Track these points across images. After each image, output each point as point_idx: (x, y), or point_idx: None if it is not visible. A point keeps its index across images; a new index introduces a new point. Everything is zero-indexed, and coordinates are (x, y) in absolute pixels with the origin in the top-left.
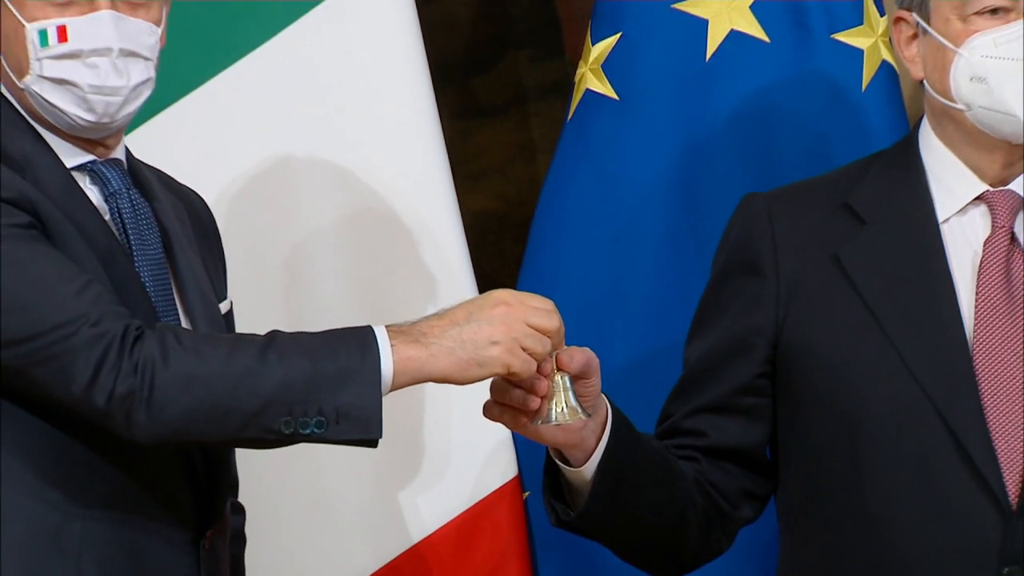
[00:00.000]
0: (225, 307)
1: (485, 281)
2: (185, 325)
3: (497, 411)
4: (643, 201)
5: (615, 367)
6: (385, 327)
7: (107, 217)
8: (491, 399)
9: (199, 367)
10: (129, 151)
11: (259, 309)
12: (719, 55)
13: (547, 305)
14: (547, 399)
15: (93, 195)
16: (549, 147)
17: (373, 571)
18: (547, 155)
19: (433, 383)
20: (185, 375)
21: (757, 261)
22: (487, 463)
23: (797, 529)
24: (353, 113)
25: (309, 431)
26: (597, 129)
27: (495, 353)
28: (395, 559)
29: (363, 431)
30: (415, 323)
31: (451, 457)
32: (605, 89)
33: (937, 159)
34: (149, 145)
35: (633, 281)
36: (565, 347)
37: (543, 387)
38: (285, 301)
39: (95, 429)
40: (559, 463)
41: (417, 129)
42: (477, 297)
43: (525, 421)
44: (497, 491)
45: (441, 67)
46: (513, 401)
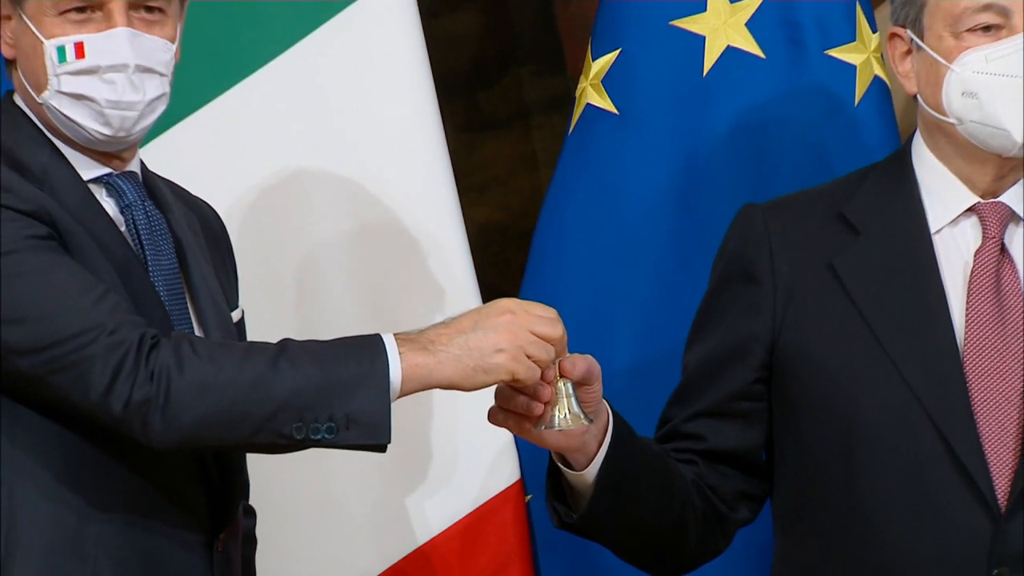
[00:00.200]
0: (237, 316)
1: (489, 290)
2: (198, 333)
3: (502, 417)
4: (642, 212)
5: (616, 373)
6: (393, 335)
7: (123, 228)
8: (496, 405)
9: (213, 374)
10: (144, 164)
11: (270, 318)
12: (716, 70)
13: (551, 314)
14: (550, 405)
15: (109, 207)
16: (551, 160)
17: (379, 572)
18: (549, 167)
19: (440, 389)
20: (200, 382)
21: (754, 269)
22: (491, 467)
23: (791, 531)
24: (361, 126)
25: (320, 436)
26: (597, 142)
27: (500, 360)
28: (401, 560)
29: (373, 436)
30: (422, 331)
31: (456, 461)
32: (605, 103)
33: (930, 171)
34: (163, 158)
35: (633, 289)
36: (568, 354)
37: (546, 393)
38: (295, 310)
39: (112, 434)
40: (562, 467)
41: (423, 142)
42: (483, 306)
43: (529, 426)
44: (500, 494)
45: (446, 82)
46: (517, 407)
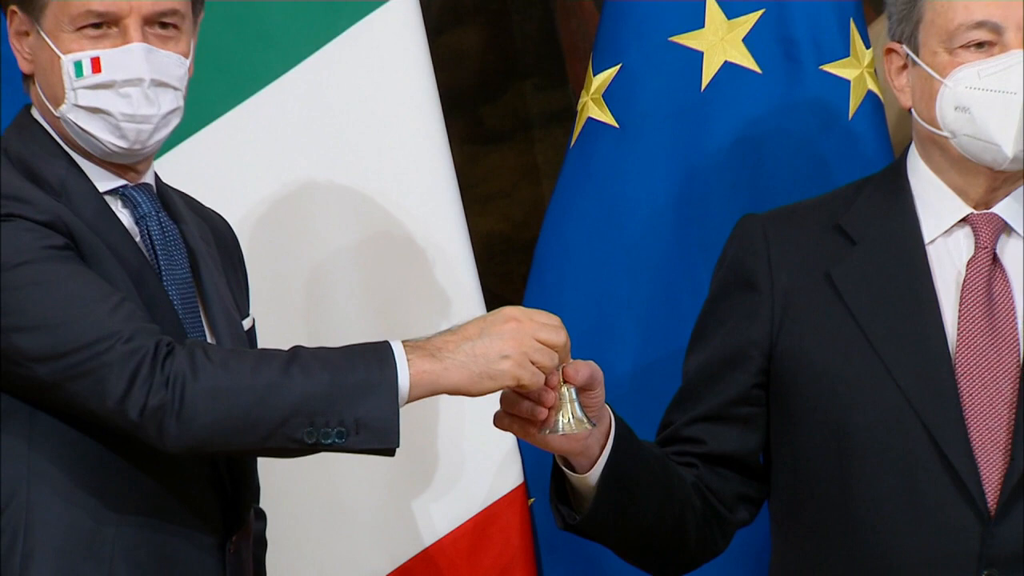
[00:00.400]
0: (248, 324)
1: (492, 298)
2: (210, 341)
3: (507, 421)
4: (642, 223)
5: (618, 379)
6: (401, 342)
7: (137, 239)
8: (501, 410)
9: (227, 381)
10: (158, 176)
11: (280, 326)
12: (714, 85)
13: (554, 321)
14: (554, 410)
15: (124, 218)
16: (553, 172)
17: (387, 573)
18: (551, 179)
19: (446, 395)
20: (213, 388)
21: (753, 278)
22: (495, 471)
23: (788, 532)
24: (368, 139)
25: (330, 441)
26: (598, 155)
27: (506, 367)
28: (408, 561)
29: (381, 441)
30: (430, 338)
31: (462, 465)
32: (606, 117)
33: (924, 183)
34: (177, 170)
35: (633, 297)
36: (571, 361)
37: (550, 399)
38: (305, 318)
39: (128, 439)
40: (565, 470)
41: (428, 154)
42: (488, 314)
43: (533, 431)
44: (505, 497)
45: (451, 96)
46: (522, 412)
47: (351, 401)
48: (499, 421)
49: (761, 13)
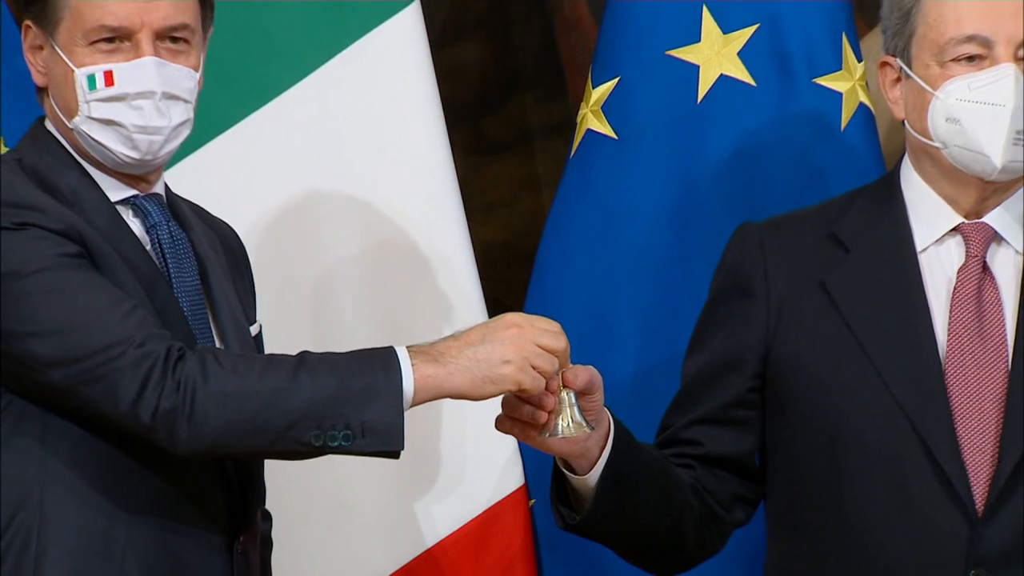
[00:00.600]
0: (255, 330)
1: (493, 305)
2: (219, 346)
3: (508, 425)
4: (640, 231)
5: (616, 383)
6: (406, 347)
7: (148, 247)
8: (503, 414)
9: (236, 385)
10: (167, 186)
11: (287, 332)
12: (710, 97)
13: (555, 327)
14: (554, 414)
15: (135, 227)
16: (553, 182)
17: (390, 573)
18: (551, 189)
19: (449, 399)
20: (223, 392)
21: (750, 284)
22: (497, 473)
23: (782, 532)
24: (373, 151)
25: (337, 444)
26: (597, 165)
27: (507, 371)
28: (411, 561)
29: (387, 444)
30: (433, 344)
31: (464, 467)
32: (604, 129)
33: (916, 193)
34: (187, 180)
35: (631, 304)
36: (570, 366)
37: (551, 403)
38: (311, 324)
39: (139, 442)
40: (565, 471)
41: (432, 165)
42: (490, 320)
43: (534, 434)
44: (506, 498)
45: (454, 108)
46: (523, 416)
47: (357, 405)
48: (500, 424)
49: (756, 28)
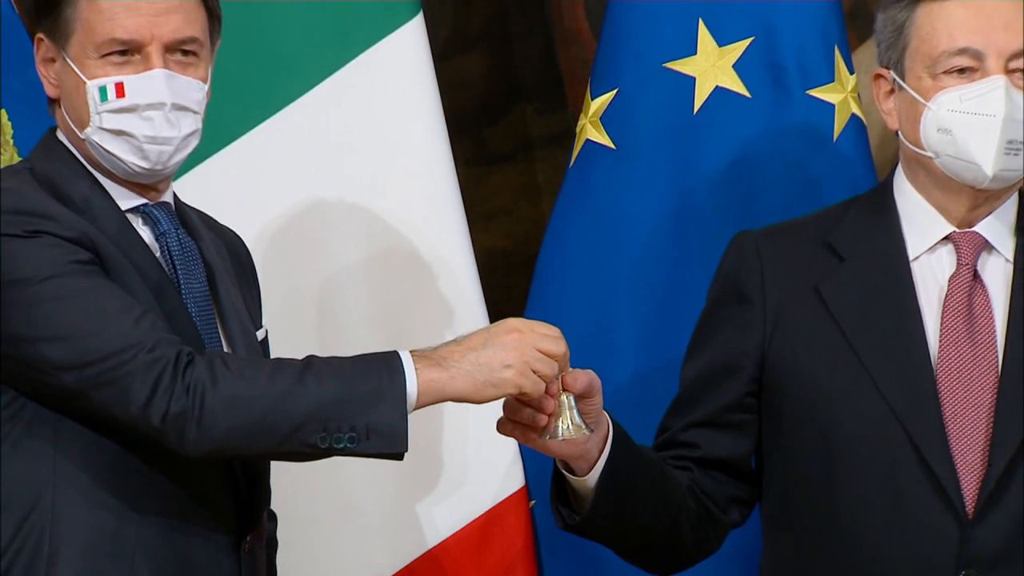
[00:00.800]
0: (261, 335)
1: (494, 311)
2: (227, 351)
3: (509, 427)
4: (638, 239)
5: (616, 387)
6: (409, 352)
7: (158, 254)
8: (504, 416)
9: (244, 389)
10: (176, 195)
11: (293, 337)
12: (706, 109)
13: (555, 332)
14: (554, 416)
15: (145, 234)
16: (553, 191)
17: (393, 573)
18: (551, 198)
19: (452, 402)
20: (232, 396)
21: (746, 291)
22: (498, 475)
23: (777, 534)
24: (377, 161)
25: (342, 446)
26: (596, 175)
27: (508, 375)
28: (414, 561)
29: (391, 446)
30: (436, 348)
31: (466, 469)
32: (603, 139)
33: (909, 202)
34: (195, 189)
35: (630, 310)
36: (570, 370)
37: (551, 406)
38: (316, 330)
39: (149, 444)
40: (565, 473)
41: (434, 175)
42: (492, 325)
43: (534, 436)
44: (507, 499)
45: (456, 119)
46: (524, 418)
47: (362, 408)
48: (502, 427)
49: (751, 41)
